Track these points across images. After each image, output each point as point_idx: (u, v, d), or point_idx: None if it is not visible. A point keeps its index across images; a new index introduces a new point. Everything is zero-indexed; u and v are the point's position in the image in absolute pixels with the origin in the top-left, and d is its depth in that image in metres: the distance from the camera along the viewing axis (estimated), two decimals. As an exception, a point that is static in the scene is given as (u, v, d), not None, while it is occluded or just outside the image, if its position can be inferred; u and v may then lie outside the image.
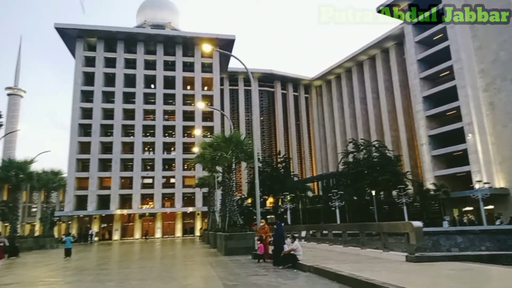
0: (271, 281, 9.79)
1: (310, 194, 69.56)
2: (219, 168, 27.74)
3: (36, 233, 53.88)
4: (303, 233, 24.25)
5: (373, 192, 51.48)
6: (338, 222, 47.64)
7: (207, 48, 20.49)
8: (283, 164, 67.82)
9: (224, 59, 70.46)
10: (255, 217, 45.58)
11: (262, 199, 57.64)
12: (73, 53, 65.51)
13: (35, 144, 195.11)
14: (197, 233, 59.21)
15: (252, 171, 68.36)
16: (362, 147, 59.95)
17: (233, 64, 76.26)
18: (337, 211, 49.52)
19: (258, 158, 41.43)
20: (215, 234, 25.23)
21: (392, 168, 54.00)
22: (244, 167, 71.11)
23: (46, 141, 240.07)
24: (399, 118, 69.01)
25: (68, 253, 22.04)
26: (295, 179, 69.03)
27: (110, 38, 65.45)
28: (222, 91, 77.53)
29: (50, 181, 36.46)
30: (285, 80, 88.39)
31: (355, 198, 54.90)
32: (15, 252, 23.68)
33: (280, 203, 60.25)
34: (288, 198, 54.37)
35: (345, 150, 66.29)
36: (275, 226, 14.20)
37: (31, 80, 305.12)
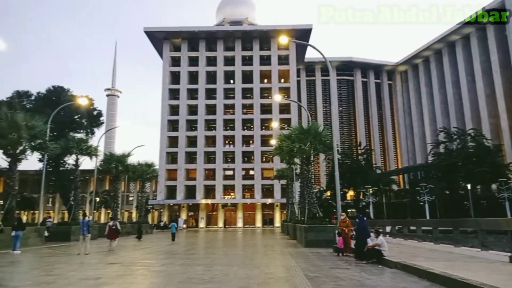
0: (355, 275, 9.50)
1: (395, 187, 65.90)
2: (297, 160, 27.72)
3: (133, 220, 60.08)
4: (388, 228, 23.08)
5: (469, 186, 46.72)
6: (427, 217, 44.33)
7: (283, 40, 20.37)
8: (364, 155, 65.23)
9: (301, 50, 69.77)
10: (334, 210, 44.69)
11: (342, 192, 56.17)
12: (160, 54, 70.88)
13: (130, 139, 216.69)
14: (277, 224, 60.21)
15: (331, 163, 66.97)
16: (455, 136, 54.93)
17: (310, 55, 75.20)
18: (426, 206, 46.13)
19: (337, 150, 40.36)
20: (295, 226, 25.33)
21: (491, 159, 48.52)
22: (323, 159, 69.94)
23: (139, 136, 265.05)
24: (499, 103, 61.36)
25: (173, 237, 25.47)
26: (378, 171, 65.96)
27: (192, 38, 69.26)
28: (298, 82, 77.05)
29: (144, 173, 40.09)
30: (365, 67, 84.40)
31: (447, 192, 50.50)
32: (140, 236, 27.78)
33: (361, 197, 58.14)
34: (370, 192, 52.17)
35: (435, 140, 61.37)
36: (357, 220, 13.73)
37: (125, 81, 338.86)
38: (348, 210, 55.06)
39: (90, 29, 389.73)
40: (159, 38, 68.63)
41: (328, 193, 61.55)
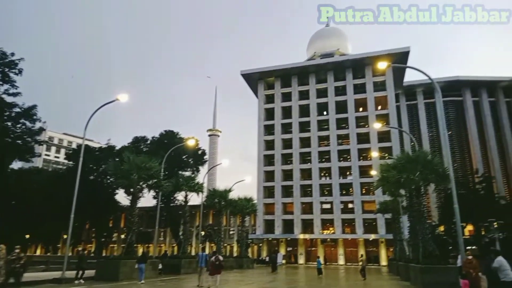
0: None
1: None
2: (402, 192, 25.59)
3: (234, 254, 61.60)
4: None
5: None
6: None
7: (381, 65, 19.54)
8: (483, 184, 57.10)
9: (398, 74, 66.31)
10: (450, 247, 39.45)
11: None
12: (256, 93, 74.57)
13: (230, 174, 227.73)
14: (383, 262, 55.56)
15: (442, 194, 60.26)
16: None
17: (409, 77, 71.19)
18: None
19: (450, 179, 36.14)
20: (407, 265, 22.90)
21: None
22: (432, 190, 63.29)
23: (238, 171, 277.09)
24: None
25: (319, 272, 28.80)
26: (502, 202, 56.92)
27: (285, 75, 71.51)
28: (398, 108, 72.74)
29: (244, 207, 41.17)
30: (476, 86, 76.00)
31: None
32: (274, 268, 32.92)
33: (483, 232, 50.50)
34: (496, 226, 44.99)
35: None
36: (491, 257, 11.82)
37: (224, 120, 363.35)
38: (467, 248, 48.06)
39: (194, 77, 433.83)
40: (254, 79, 72.53)
41: (441, 228, 54.94)
